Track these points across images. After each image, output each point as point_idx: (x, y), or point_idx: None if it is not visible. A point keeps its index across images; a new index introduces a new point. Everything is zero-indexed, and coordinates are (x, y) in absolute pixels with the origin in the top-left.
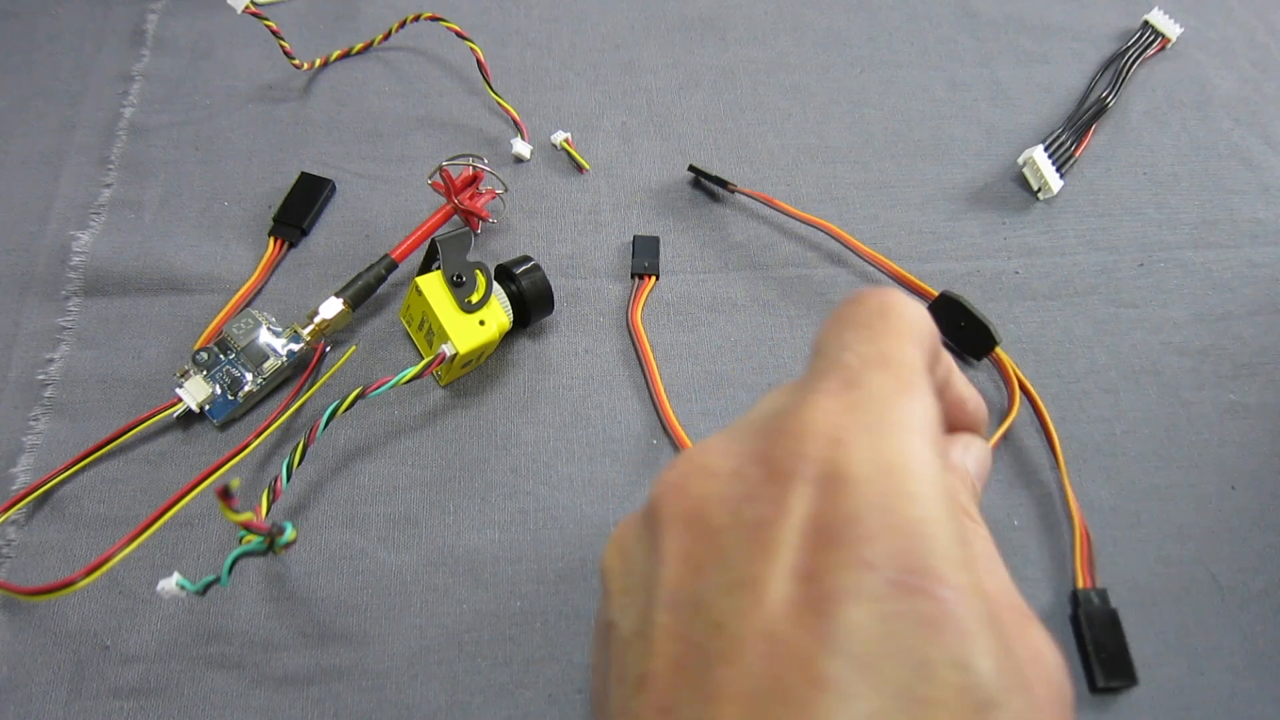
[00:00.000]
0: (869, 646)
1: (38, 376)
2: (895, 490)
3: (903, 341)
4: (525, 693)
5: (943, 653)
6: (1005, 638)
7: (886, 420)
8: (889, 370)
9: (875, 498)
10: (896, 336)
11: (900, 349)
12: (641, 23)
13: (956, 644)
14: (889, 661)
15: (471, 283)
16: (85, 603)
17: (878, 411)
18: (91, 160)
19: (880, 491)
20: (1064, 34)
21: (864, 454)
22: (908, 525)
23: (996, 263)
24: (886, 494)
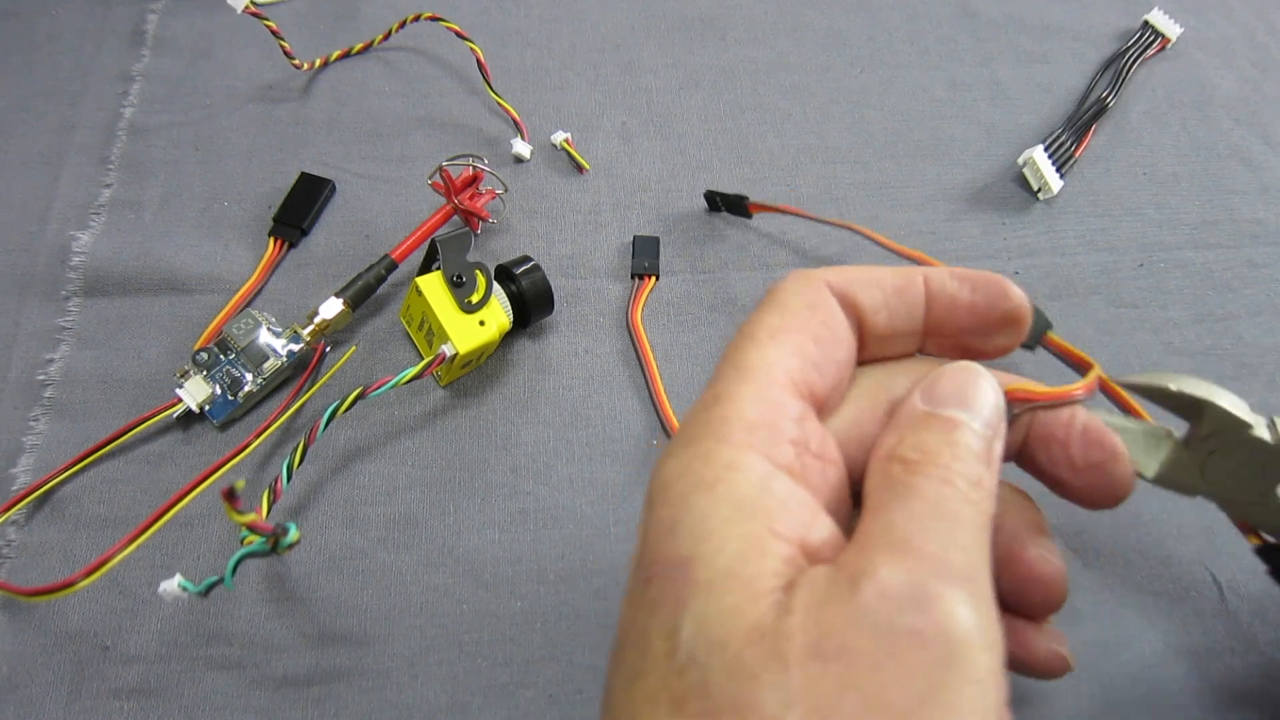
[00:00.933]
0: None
1: (38, 376)
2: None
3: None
4: (525, 693)
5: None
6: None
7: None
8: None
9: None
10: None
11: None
12: (641, 23)
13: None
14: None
15: (471, 283)
16: (85, 603)
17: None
18: (91, 160)
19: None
20: (1064, 34)
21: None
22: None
23: (996, 263)
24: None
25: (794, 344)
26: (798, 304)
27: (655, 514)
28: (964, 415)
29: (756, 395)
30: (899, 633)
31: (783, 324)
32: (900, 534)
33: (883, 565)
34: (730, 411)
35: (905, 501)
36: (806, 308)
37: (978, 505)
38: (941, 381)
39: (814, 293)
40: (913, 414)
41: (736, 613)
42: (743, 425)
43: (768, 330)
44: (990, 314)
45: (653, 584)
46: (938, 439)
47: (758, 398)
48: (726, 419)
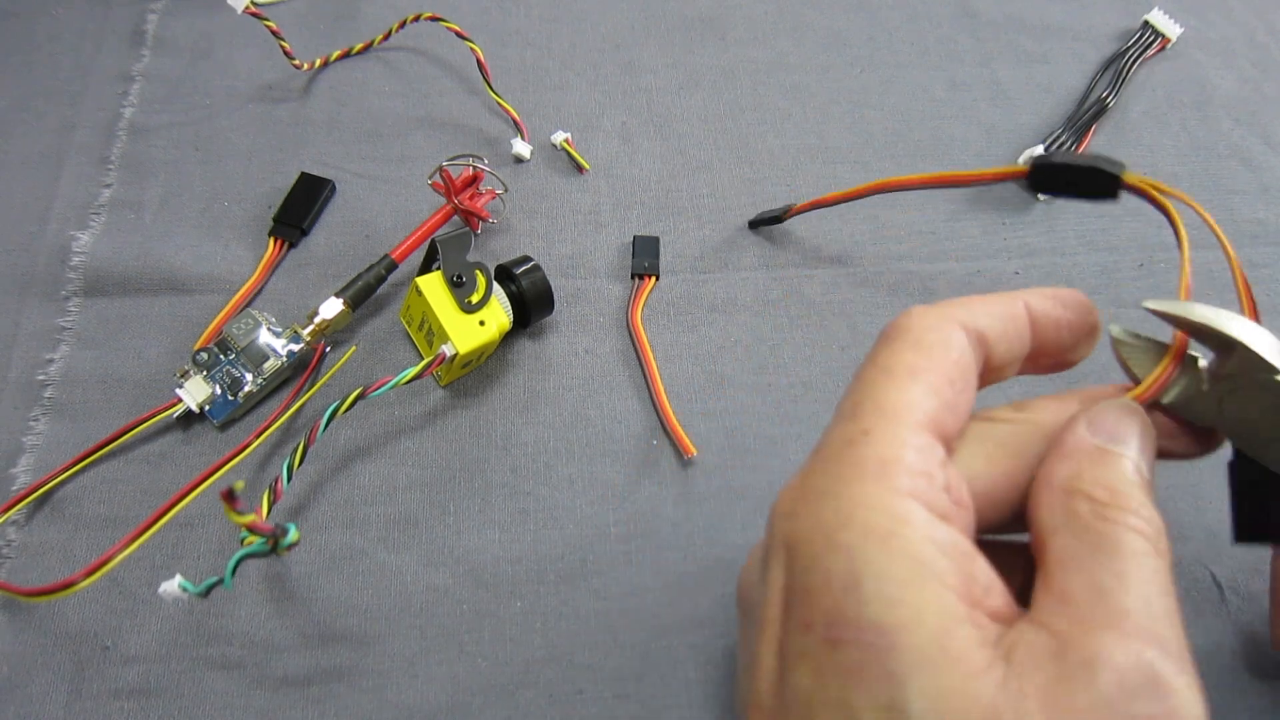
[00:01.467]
0: (808, 702)
1: (38, 376)
2: (827, 547)
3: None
4: (525, 693)
5: (868, 698)
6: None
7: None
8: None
9: (811, 560)
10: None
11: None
12: (641, 23)
13: (883, 688)
14: (821, 713)
15: (471, 283)
16: (85, 603)
17: (822, 472)
18: (91, 160)
19: (815, 553)
20: (1064, 34)
21: (806, 520)
22: (836, 578)
23: (997, 263)
24: (820, 554)
25: (932, 384)
26: (933, 341)
27: (821, 562)
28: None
29: (909, 439)
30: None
31: (920, 363)
32: (1116, 604)
33: (1114, 648)
34: (887, 454)
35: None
36: (942, 346)
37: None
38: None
39: (947, 330)
40: (1084, 446)
41: (965, 692)
42: (905, 471)
43: (907, 368)
44: (1083, 328)
45: (846, 649)
46: (1117, 476)
47: (911, 442)
48: (886, 463)
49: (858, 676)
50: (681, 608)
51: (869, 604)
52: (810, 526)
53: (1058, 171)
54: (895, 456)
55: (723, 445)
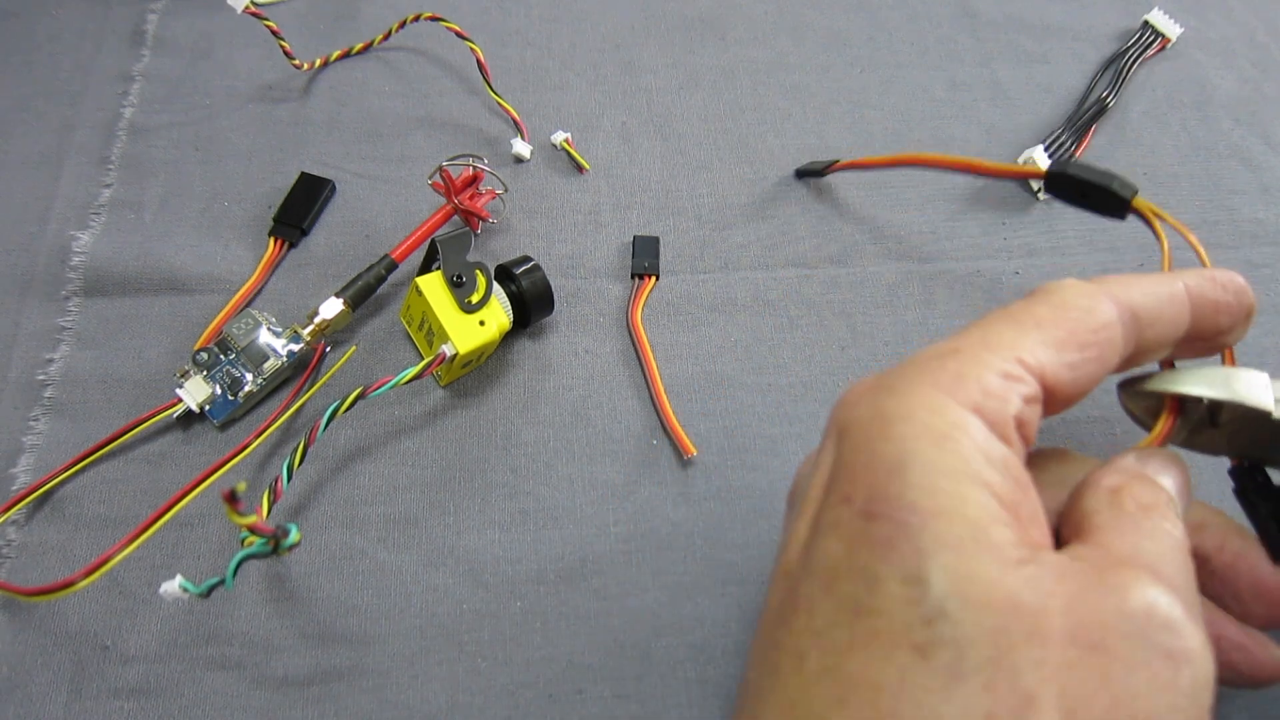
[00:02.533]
0: (833, 568)
1: (38, 376)
2: (880, 433)
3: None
4: (525, 693)
5: (894, 569)
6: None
7: (900, 378)
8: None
9: (862, 441)
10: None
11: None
12: (641, 23)
13: (910, 560)
14: (845, 579)
15: (471, 283)
16: (85, 603)
17: (898, 373)
18: (91, 160)
19: (868, 436)
20: (1064, 34)
21: (864, 409)
22: (883, 461)
23: (997, 263)
24: (872, 437)
25: (1056, 338)
26: (1076, 305)
27: (874, 446)
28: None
29: (996, 363)
30: (1157, 648)
31: (1051, 319)
32: (1150, 560)
33: (1147, 583)
34: (965, 370)
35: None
36: (1084, 312)
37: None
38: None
39: (1097, 300)
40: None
41: (989, 578)
42: (978, 387)
43: (1034, 319)
44: (1240, 311)
45: (880, 523)
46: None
47: (998, 367)
48: (961, 376)
49: (886, 547)
50: (681, 608)
51: (910, 488)
52: (868, 413)
53: (1073, 182)
54: (974, 375)
55: (723, 445)
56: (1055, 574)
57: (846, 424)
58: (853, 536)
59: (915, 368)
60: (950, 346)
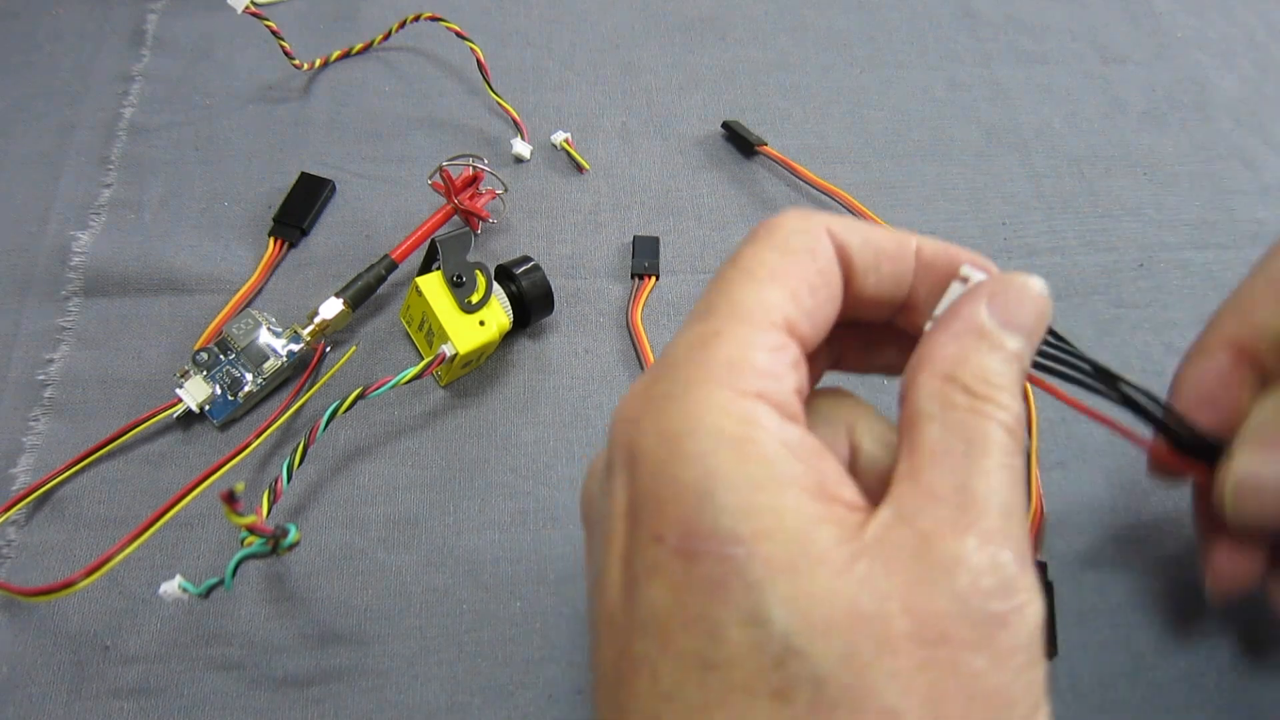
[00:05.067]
0: (665, 620)
1: (38, 376)
2: (675, 455)
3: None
4: (525, 693)
5: (731, 612)
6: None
7: (674, 381)
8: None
9: (657, 467)
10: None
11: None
12: (641, 23)
13: (745, 599)
14: (683, 632)
15: (471, 283)
16: (85, 603)
17: (669, 376)
18: (91, 160)
19: (662, 460)
20: (1064, 34)
21: (651, 426)
22: (687, 489)
23: (996, 262)
24: (667, 461)
25: (791, 288)
26: (798, 246)
27: (672, 472)
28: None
29: (761, 339)
30: (991, 619)
31: (782, 265)
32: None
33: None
34: (736, 354)
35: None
36: (806, 252)
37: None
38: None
39: (814, 238)
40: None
41: (829, 595)
42: (754, 372)
43: (767, 268)
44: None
45: (703, 562)
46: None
47: (761, 342)
48: (734, 364)
49: (718, 590)
50: None
51: (724, 513)
52: (655, 432)
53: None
54: (744, 358)
55: None
56: (891, 564)
57: (634, 449)
58: (677, 583)
59: (685, 363)
60: (710, 329)
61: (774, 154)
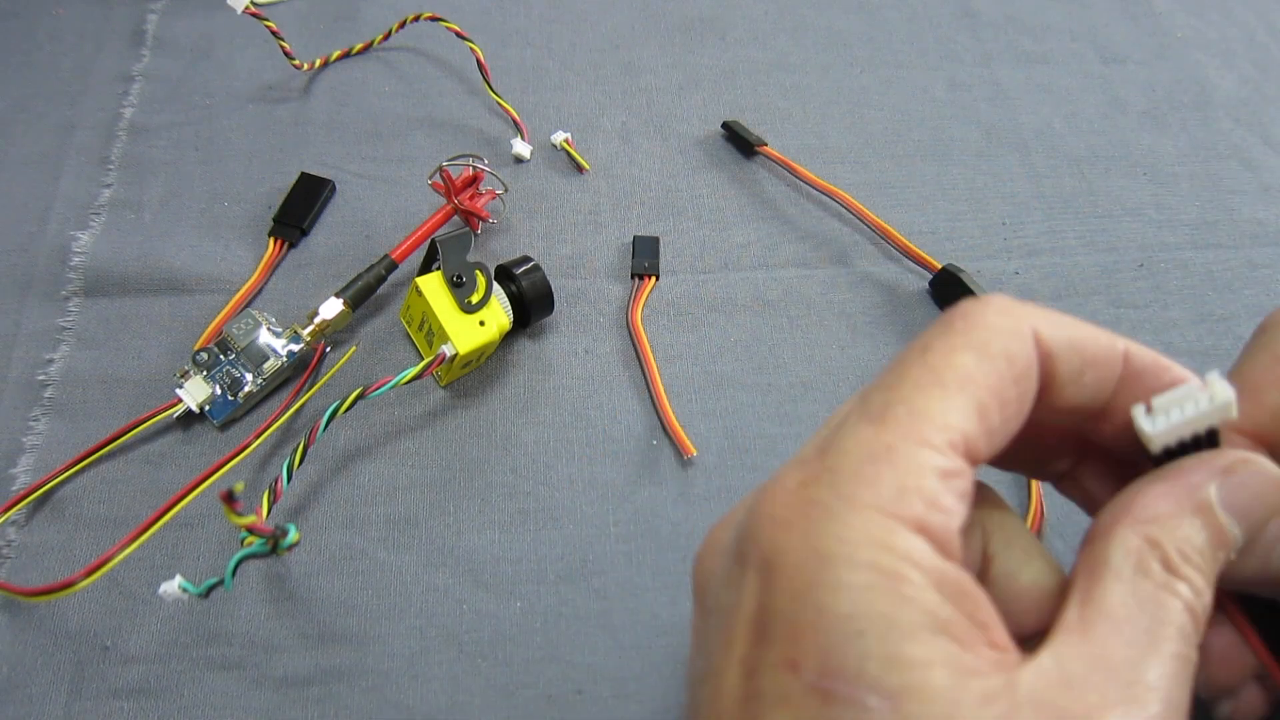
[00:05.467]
0: None
1: (38, 376)
2: (823, 581)
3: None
4: (525, 693)
5: None
6: None
7: (833, 494)
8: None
9: (801, 588)
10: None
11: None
12: (641, 23)
13: None
14: None
15: (471, 283)
16: (85, 603)
17: (830, 483)
18: (91, 160)
19: (807, 582)
20: (1064, 34)
21: (799, 538)
22: (833, 622)
23: (997, 263)
24: (813, 585)
25: (980, 402)
26: (998, 350)
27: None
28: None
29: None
30: None
31: (976, 372)
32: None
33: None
34: (908, 479)
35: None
36: (1004, 358)
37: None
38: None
39: (1018, 340)
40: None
41: None
42: (922, 503)
43: (959, 375)
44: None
45: (838, 705)
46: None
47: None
48: (904, 489)
49: None
50: (681, 608)
51: (870, 660)
52: (804, 548)
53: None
54: (915, 485)
55: (723, 445)
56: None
57: (775, 556)
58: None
59: (850, 476)
60: (883, 442)
61: (774, 154)
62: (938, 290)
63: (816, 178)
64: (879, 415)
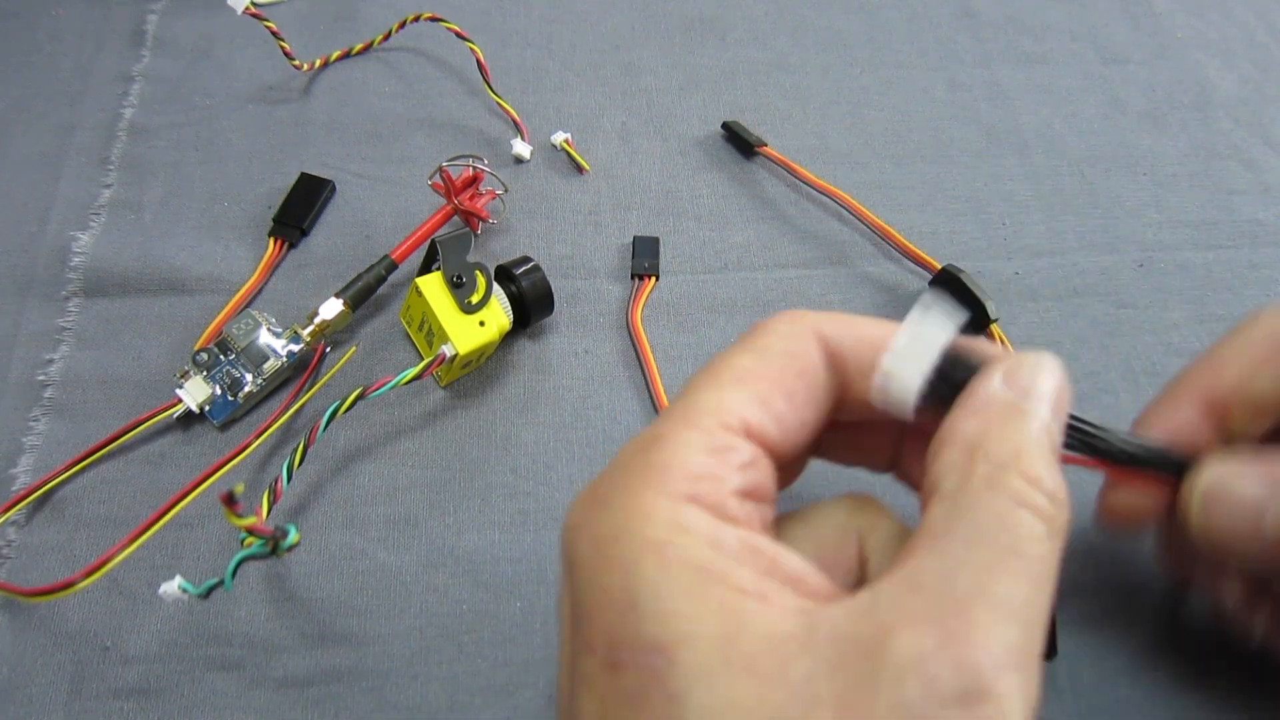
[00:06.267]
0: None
1: (38, 377)
2: (603, 562)
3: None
4: (525, 693)
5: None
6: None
7: (609, 486)
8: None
9: (589, 576)
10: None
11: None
12: (641, 23)
13: (665, 711)
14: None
15: (471, 283)
16: (85, 603)
17: (609, 480)
18: (91, 160)
19: (594, 568)
20: (1064, 34)
21: (585, 532)
22: (613, 597)
23: (997, 264)
24: (596, 569)
25: (758, 392)
26: (777, 349)
27: (597, 580)
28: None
29: (702, 441)
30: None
31: (753, 369)
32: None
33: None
34: (671, 459)
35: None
36: (785, 355)
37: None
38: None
39: (798, 340)
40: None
41: (752, 704)
42: (686, 475)
43: (734, 373)
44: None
45: (625, 672)
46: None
47: (704, 444)
48: (667, 467)
49: (639, 702)
50: None
51: (645, 621)
52: (588, 539)
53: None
54: (679, 461)
55: None
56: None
57: (572, 555)
58: (605, 695)
59: (622, 469)
60: (653, 433)
61: (774, 154)
62: (940, 289)
63: (816, 178)
64: (658, 418)
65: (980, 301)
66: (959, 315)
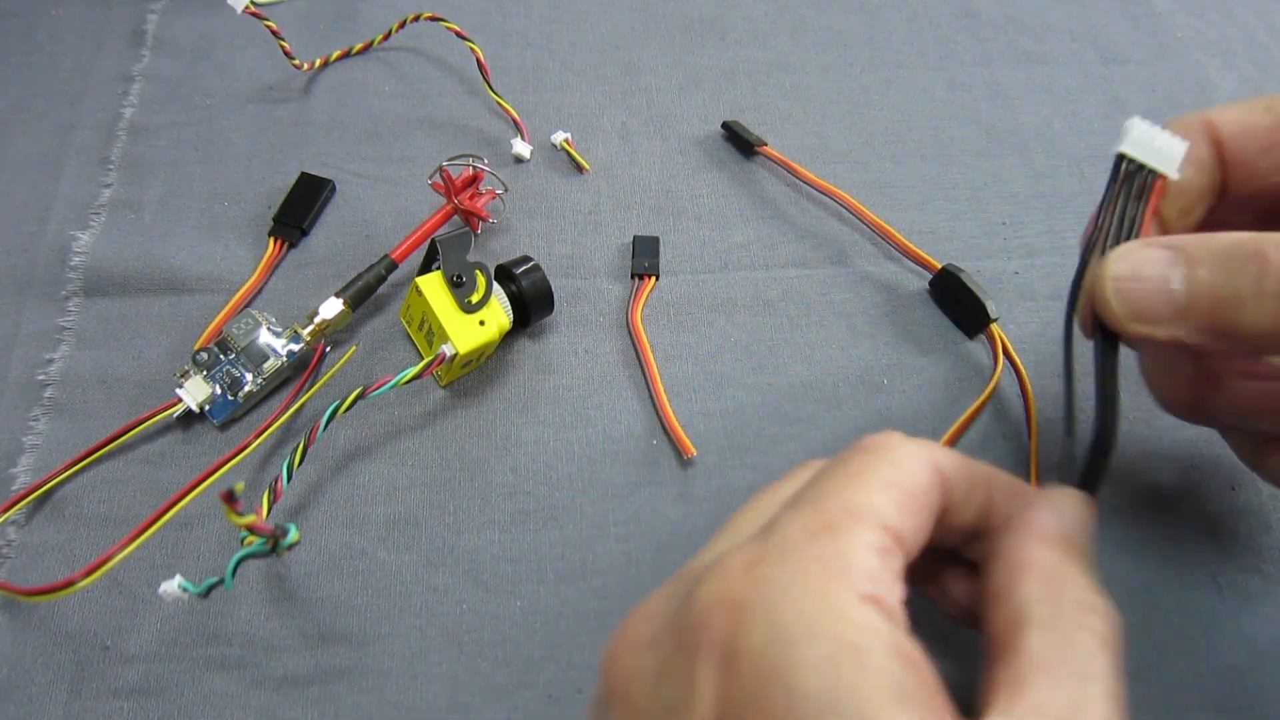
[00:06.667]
0: None
1: (38, 376)
2: (789, 662)
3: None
4: (525, 693)
5: None
6: None
7: (787, 569)
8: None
9: (769, 673)
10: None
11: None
12: (641, 23)
13: None
14: None
15: (471, 283)
16: (85, 603)
17: (779, 560)
18: (91, 160)
19: (773, 666)
20: (1064, 34)
21: (759, 620)
22: (806, 701)
23: (997, 263)
24: (779, 667)
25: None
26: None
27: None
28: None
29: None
30: None
31: (894, 477)
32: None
33: None
34: (850, 552)
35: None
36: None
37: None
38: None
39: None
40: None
41: None
42: (868, 575)
43: (880, 478)
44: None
45: None
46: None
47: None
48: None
49: None
50: None
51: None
52: (766, 630)
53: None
54: (858, 558)
55: (723, 445)
56: None
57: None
58: None
59: (797, 552)
60: (822, 520)
61: (774, 154)
62: (937, 290)
63: (816, 178)
64: (811, 503)
65: (980, 301)
66: None
